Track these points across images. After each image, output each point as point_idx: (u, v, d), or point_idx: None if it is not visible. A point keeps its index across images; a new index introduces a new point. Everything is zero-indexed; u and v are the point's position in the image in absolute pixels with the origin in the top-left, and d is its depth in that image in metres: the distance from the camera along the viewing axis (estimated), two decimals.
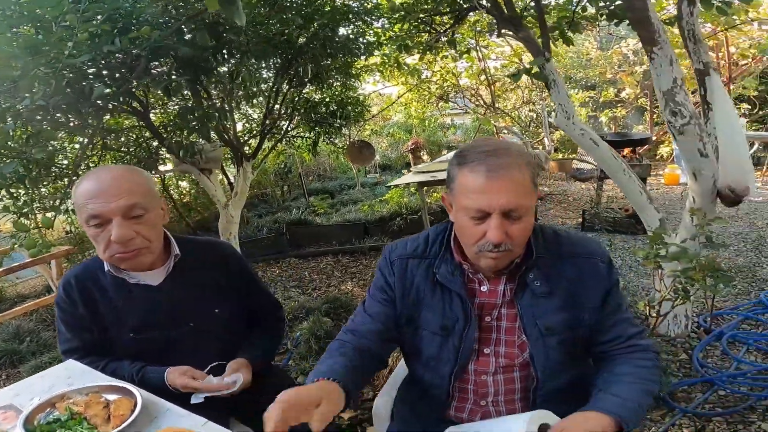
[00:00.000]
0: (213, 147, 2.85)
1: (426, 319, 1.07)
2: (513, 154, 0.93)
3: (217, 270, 1.33)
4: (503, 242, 0.92)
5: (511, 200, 0.90)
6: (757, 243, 3.61)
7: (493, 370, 1.06)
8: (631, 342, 1.02)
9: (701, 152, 1.89)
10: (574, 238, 1.08)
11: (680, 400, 1.94)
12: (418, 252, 1.10)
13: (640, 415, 0.90)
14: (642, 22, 1.90)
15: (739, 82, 6.29)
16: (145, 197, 1.14)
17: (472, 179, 0.92)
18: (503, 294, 1.04)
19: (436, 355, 1.07)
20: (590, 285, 1.02)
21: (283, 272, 4.13)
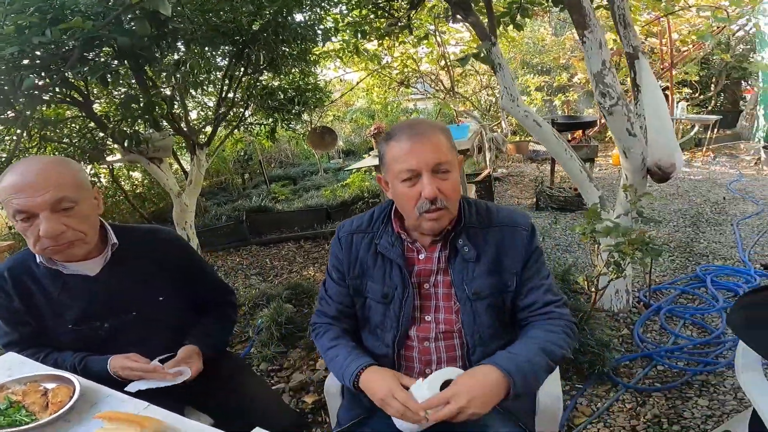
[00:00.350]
0: (162, 135, 2.78)
1: (370, 288, 1.15)
2: (429, 123, 1.09)
3: (159, 257, 1.31)
4: (437, 197, 1.01)
5: (436, 156, 1.01)
6: (695, 219, 3.86)
7: (434, 336, 1.12)
8: (547, 309, 1.11)
9: (629, 131, 2.00)
10: (503, 210, 1.17)
11: (623, 375, 2.05)
12: (363, 227, 1.18)
13: (529, 371, 0.96)
14: (574, 6, 1.97)
15: (681, 67, 6.60)
16: (74, 189, 1.11)
17: (399, 147, 1.03)
18: (438, 260, 1.11)
19: (381, 322, 1.15)
20: (513, 251, 1.10)
21: (244, 260, 4.10)
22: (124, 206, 4.82)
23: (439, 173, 1.02)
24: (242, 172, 6.56)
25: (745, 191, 4.47)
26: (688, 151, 6.47)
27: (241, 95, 3.49)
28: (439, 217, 1.04)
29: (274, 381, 2.30)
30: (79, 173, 1.16)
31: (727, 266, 2.93)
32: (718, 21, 5.70)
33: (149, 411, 0.92)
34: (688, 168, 5.69)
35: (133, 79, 2.76)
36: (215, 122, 3.38)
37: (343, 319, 1.22)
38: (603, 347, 2.07)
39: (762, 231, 3.44)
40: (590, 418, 1.84)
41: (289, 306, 2.87)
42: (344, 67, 6.30)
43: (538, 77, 8.17)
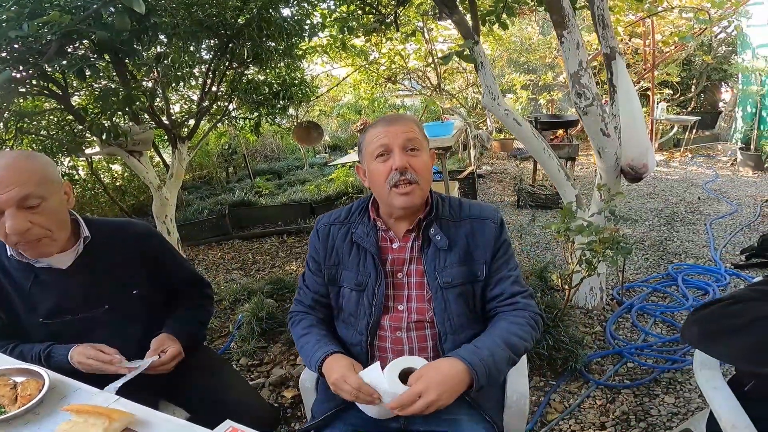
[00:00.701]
0: (143, 129, 2.75)
1: (345, 277, 1.19)
2: (403, 115, 1.22)
3: (132, 250, 1.31)
4: (407, 169, 1.09)
5: (407, 135, 1.11)
6: (670, 218, 3.96)
7: (405, 326, 1.15)
8: (514, 300, 1.15)
9: (603, 132, 2.05)
10: (474, 204, 1.22)
11: (594, 372, 2.10)
12: (340, 219, 1.24)
13: (491, 364, 0.99)
14: (554, 6, 2.00)
15: (662, 68, 6.72)
16: (41, 185, 1.10)
17: (373, 131, 1.14)
18: (411, 249, 1.16)
19: (354, 310, 1.18)
20: (483, 243, 1.15)
21: (226, 255, 4.09)
22: (103, 199, 4.75)
23: (409, 150, 1.11)
24: (226, 165, 6.50)
25: (720, 191, 4.59)
26: (666, 152, 6.61)
27: (225, 89, 3.47)
28: (409, 192, 1.10)
29: (254, 376, 2.31)
30: (48, 168, 1.15)
31: (699, 265, 3.01)
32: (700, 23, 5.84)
33: (119, 404, 0.93)
34: (666, 168, 5.81)
35: (112, 72, 2.73)
36: (198, 116, 3.35)
37: (318, 308, 1.26)
38: (576, 344, 2.12)
39: (734, 231, 3.54)
40: (562, 414, 1.89)
41: (271, 301, 2.87)
42: (331, 62, 6.28)
43: (524, 76, 8.23)
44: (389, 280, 1.17)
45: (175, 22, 2.49)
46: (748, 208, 4.03)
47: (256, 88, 3.57)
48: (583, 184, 5.05)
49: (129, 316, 1.30)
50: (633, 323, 2.44)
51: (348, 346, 1.21)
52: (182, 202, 4.85)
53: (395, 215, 1.18)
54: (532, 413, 1.90)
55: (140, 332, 1.31)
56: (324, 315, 1.27)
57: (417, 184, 1.10)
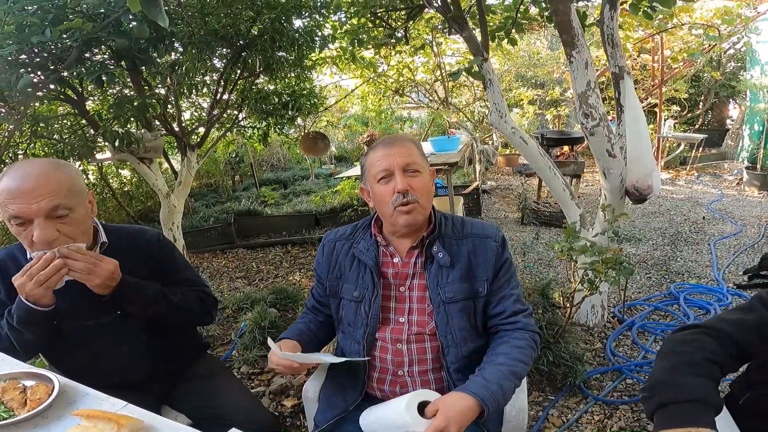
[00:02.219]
0: (154, 136, 2.79)
1: (345, 289, 1.26)
2: (401, 135, 1.27)
3: (144, 257, 1.34)
4: (408, 191, 1.14)
5: (406, 158, 1.17)
6: (674, 238, 3.95)
7: (406, 338, 1.19)
8: (515, 318, 1.19)
9: (609, 152, 2.07)
10: (476, 223, 1.28)
11: (593, 388, 2.10)
12: (345, 235, 1.31)
13: (499, 395, 1.03)
14: (563, 25, 2.04)
15: (671, 84, 6.74)
16: (69, 196, 1.12)
17: (374, 154, 1.20)
18: (414, 265, 1.22)
19: (353, 320, 1.24)
20: (484, 260, 1.20)
21: (230, 263, 4.12)
22: (111, 204, 4.80)
23: (409, 172, 1.17)
24: (233, 174, 6.56)
25: (724, 211, 4.58)
26: (672, 170, 6.61)
27: (236, 98, 3.52)
28: (411, 210, 1.15)
29: (255, 384, 2.32)
30: (77, 178, 1.17)
31: (701, 285, 3.01)
32: (709, 39, 5.88)
33: (126, 410, 0.95)
34: (672, 186, 5.81)
35: (128, 78, 2.78)
36: (208, 124, 3.40)
37: (317, 312, 1.39)
38: (576, 360, 2.13)
39: (738, 251, 3.53)
40: (560, 429, 1.90)
41: (273, 310, 2.89)
42: (340, 74, 6.35)
43: (532, 90, 8.30)
44: (392, 293, 1.22)
45: (191, 31, 2.55)
46: (752, 229, 4.03)
47: (265, 98, 3.63)
48: (588, 201, 5.06)
49: (138, 322, 1.31)
50: (633, 341, 2.45)
51: (348, 355, 1.25)
52: (189, 209, 4.90)
53: (399, 233, 1.23)
54: (530, 428, 1.90)
55: (148, 338, 1.33)
56: (323, 318, 1.38)
57: (418, 203, 1.16)
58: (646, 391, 0.86)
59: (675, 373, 0.84)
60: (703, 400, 0.77)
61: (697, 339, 0.89)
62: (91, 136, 2.83)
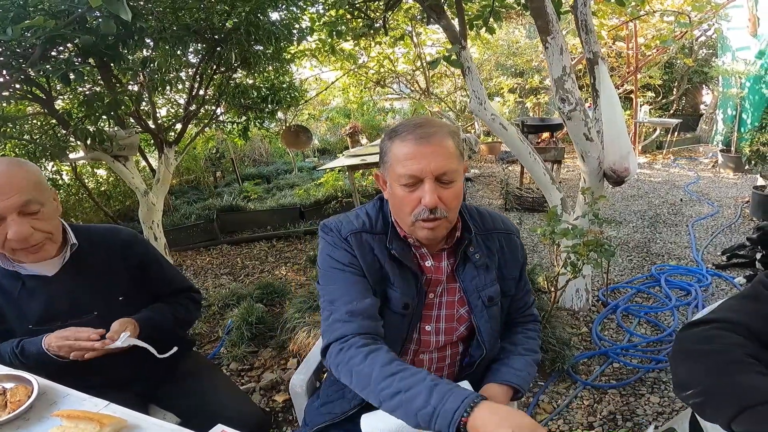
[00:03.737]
0: (128, 133, 2.73)
1: (391, 297, 1.02)
2: (438, 125, 0.96)
3: (118, 257, 1.31)
4: (437, 206, 0.92)
5: (441, 164, 0.92)
6: (653, 220, 4.03)
7: (431, 349, 1.09)
8: (528, 311, 1.20)
9: (587, 136, 2.09)
10: (494, 215, 1.15)
11: (582, 373, 2.14)
12: (367, 227, 1.05)
13: (529, 381, 1.08)
14: (538, 11, 2.04)
15: (645, 71, 6.85)
16: (38, 191, 1.11)
17: (403, 147, 0.93)
18: (446, 269, 1.06)
19: (390, 334, 1.01)
20: (511, 258, 1.12)
21: (214, 260, 4.06)
22: (88, 204, 4.69)
23: (442, 183, 0.94)
24: (214, 170, 6.46)
25: (701, 193, 4.69)
26: (649, 154, 6.74)
27: (213, 93, 3.46)
28: (435, 227, 0.96)
29: (245, 380, 2.31)
30: (40, 174, 1.16)
31: (681, 266, 3.08)
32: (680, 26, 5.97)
33: (109, 409, 0.93)
34: (649, 170, 5.93)
35: (99, 76, 2.71)
36: (185, 120, 3.34)
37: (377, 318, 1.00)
38: (563, 345, 2.16)
39: (715, 232, 3.62)
40: (551, 414, 1.92)
41: (260, 306, 2.87)
42: (320, 66, 6.29)
43: (512, 79, 8.33)
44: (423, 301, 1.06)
45: (162, 26, 2.48)
46: (728, 209, 4.13)
47: (243, 92, 3.57)
48: (569, 186, 5.13)
49: None
50: (618, 324, 2.49)
51: None
52: (169, 207, 4.81)
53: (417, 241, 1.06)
54: None
55: None
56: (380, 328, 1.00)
57: (446, 218, 0.96)
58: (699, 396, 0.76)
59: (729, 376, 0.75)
60: None
61: (722, 335, 0.81)
62: (63, 135, 2.76)
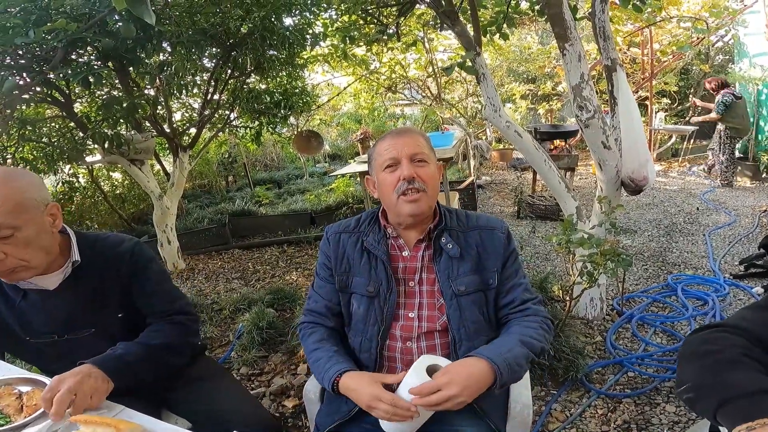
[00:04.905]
0: (145, 137, 2.77)
1: (356, 283, 1.21)
2: (411, 128, 1.25)
3: (114, 272, 1.25)
4: (414, 177, 1.13)
5: (414, 148, 1.16)
6: (669, 229, 3.97)
7: (416, 335, 1.16)
8: (525, 306, 1.17)
9: (605, 144, 2.07)
10: (481, 216, 1.26)
11: (595, 382, 2.10)
12: (350, 228, 1.27)
13: (512, 360, 1.01)
14: (556, 18, 2.03)
15: (661, 77, 6.78)
16: (14, 214, 1.01)
17: (383, 144, 1.20)
18: (422, 258, 1.19)
19: (365, 317, 1.19)
20: (492, 252, 1.19)
21: (226, 264, 4.08)
22: (103, 207, 4.75)
23: (416, 161, 1.15)
24: (226, 174, 6.53)
25: (718, 202, 4.61)
26: (665, 161, 6.65)
27: (227, 97, 3.50)
28: (416, 199, 1.13)
29: (255, 385, 2.30)
30: (25, 193, 1.05)
31: (698, 275, 3.02)
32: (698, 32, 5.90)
33: (124, 414, 0.93)
34: (665, 178, 5.84)
35: (116, 79, 2.76)
36: (199, 124, 3.38)
37: (330, 316, 1.25)
38: (577, 354, 2.13)
39: (733, 241, 3.55)
40: (564, 423, 1.89)
41: (271, 311, 2.87)
42: (332, 72, 6.32)
43: (524, 85, 8.30)
44: (401, 288, 1.19)
45: (180, 30, 2.52)
46: (746, 219, 4.05)
47: (257, 97, 3.60)
48: (583, 194, 5.08)
49: (114, 338, 1.25)
50: (633, 333, 2.44)
51: (357, 353, 1.21)
52: (182, 210, 4.86)
53: (404, 224, 1.20)
54: (534, 423, 1.90)
55: None
56: (335, 324, 1.26)
57: (424, 191, 1.14)
58: (690, 392, 0.81)
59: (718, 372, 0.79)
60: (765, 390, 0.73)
61: (724, 337, 0.84)
62: (80, 138, 2.80)
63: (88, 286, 1.21)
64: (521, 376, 1.06)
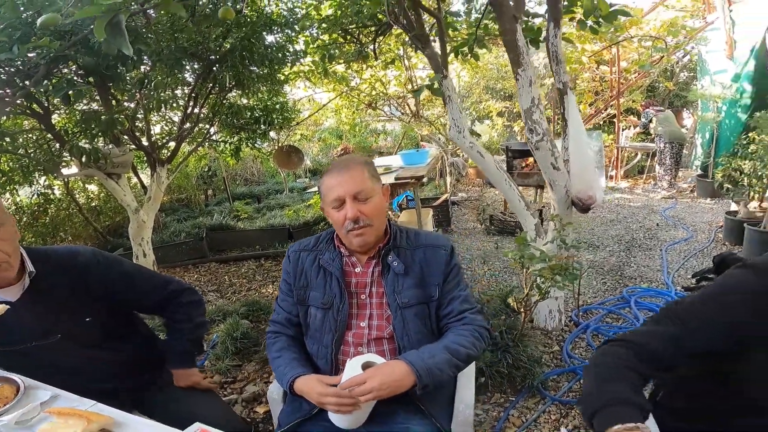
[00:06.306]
0: (122, 151, 2.83)
1: (313, 297, 1.34)
2: (354, 160, 1.32)
3: (79, 280, 1.32)
4: (359, 217, 1.24)
5: (356, 186, 1.24)
6: (629, 244, 4.17)
7: (366, 341, 1.29)
8: (462, 316, 1.30)
9: (554, 165, 2.22)
10: (429, 234, 1.40)
11: (551, 389, 2.22)
12: (309, 246, 1.40)
13: (432, 364, 1.14)
14: (510, 44, 2.15)
15: (627, 95, 7.06)
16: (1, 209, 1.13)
17: (328, 181, 1.28)
18: (372, 274, 1.32)
19: (320, 326, 1.32)
20: (435, 268, 1.31)
21: (202, 277, 4.13)
22: (78, 219, 4.74)
23: (359, 199, 1.25)
24: (205, 188, 6.56)
25: (677, 218, 4.85)
26: (631, 179, 6.92)
27: (207, 112, 3.57)
28: (362, 233, 1.25)
29: (227, 392, 2.37)
30: None
31: (652, 288, 3.20)
32: (657, 51, 6.16)
33: (96, 408, 1.01)
34: (630, 195, 6.11)
35: (96, 92, 2.81)
36: (178, 138, 3.44)
37: (290, 326, 1.40)
38: (534, 363, 2.26)
39: (688, 256, 3.76)
40: (519, 429, 2.00)
41: (246, 322, 2.94)
42: (313, 87, 6.45)
43: (500, 103, 8.55)
44: (353, 300, 1.32)
45: (160, 47, 2.60)
46: (703, 234, 4.29)
47: (237, 113, 3.68)
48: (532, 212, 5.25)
49: (84, 342, 1.33)
50: (588, 343, 2.59)
51: (315, 359, 1.34)
52: (159, 224, 4.89)
53: (355, 250, 1.33)
54: (492, 427, 2.00)
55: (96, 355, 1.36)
56: (295, 333, 1.40)
57: (370, 226, 1.25)
58: (580, 402, 0.93)
59: (598, 383, 0.91)
60: (626, 401, 0.84)
61: (614, 351, 0.96)
62: (57, 150, 2.84)
63: (51, 296, 1.28)
64: (445, 379, 1.18)
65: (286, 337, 1.39)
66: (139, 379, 1.46)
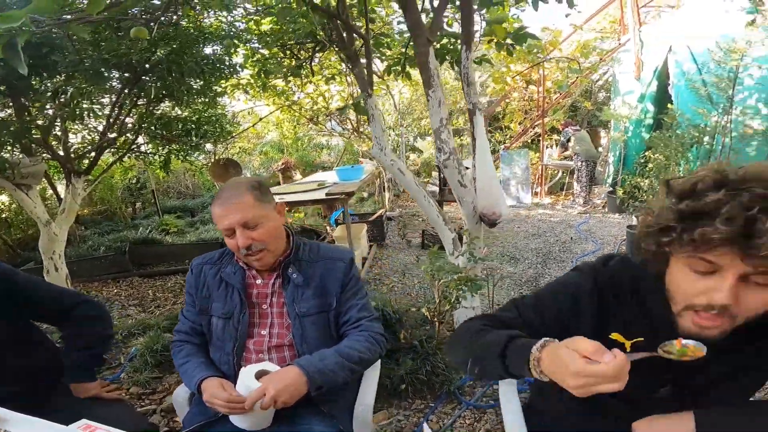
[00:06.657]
0: (33, 161, 2.70)
1: (215, 307, 1.39)
2: (239, 187, 1.30)
3: None
4: (251, 244, 1.27)
5: (243, 215, 1.25)
6: (546, 257, 4.49)
7: (267, 348, 1.34)
8: (359, 323, 1.39)
9: (461, 183, 2.37)
10: (331, 247, 1.48)
11: (467, 394, 2.34)
12: (213, 260, 1.44)
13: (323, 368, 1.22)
14: (423, 66, 2.26)
15: (551, 114, 7.57)
16: None
17: (215, 209, 1.29)
18: (273, 285, 1.38)
19: (222, 335, 1.37)
20: (334, 278, 1.39)
21: (123, 291, 3.96)
22: None
23: (249, 227, 1.27)
24: (133, 201, 6.28)
25: (589, 232, 5.28)
26: (554, 195, 7.43)
27: (134, 122, 3.45)
28: (259, 258, 1.30)
29: (145, 403, 2.35)
30: None
31: None
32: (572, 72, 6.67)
33: None
34: (551, 210, 6.56)
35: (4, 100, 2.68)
36: (98, 149, 3.31)
37: (194, 335, 1.44)
38: (452, 370, 2.37)
39: None
40: None
41: (169, 335, 2.87)
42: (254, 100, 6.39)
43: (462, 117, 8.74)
44: (255, 310, 1.37)
45: (80, 58, 2.52)
46: (609, 246, 4.70)
47: (165, 125, 3.56)
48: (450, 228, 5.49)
49: None
50: None
51: (218, 365, 1.38)
52: (76, 237, 4.63)
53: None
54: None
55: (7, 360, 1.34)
56: (200, 341, 1.45)
57: (266, 249, 1.30)
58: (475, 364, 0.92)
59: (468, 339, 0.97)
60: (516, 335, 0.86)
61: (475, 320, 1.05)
62: None
63: None
64: (338, 380, 1.26)
65: (191, 345, 1.43)
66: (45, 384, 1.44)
